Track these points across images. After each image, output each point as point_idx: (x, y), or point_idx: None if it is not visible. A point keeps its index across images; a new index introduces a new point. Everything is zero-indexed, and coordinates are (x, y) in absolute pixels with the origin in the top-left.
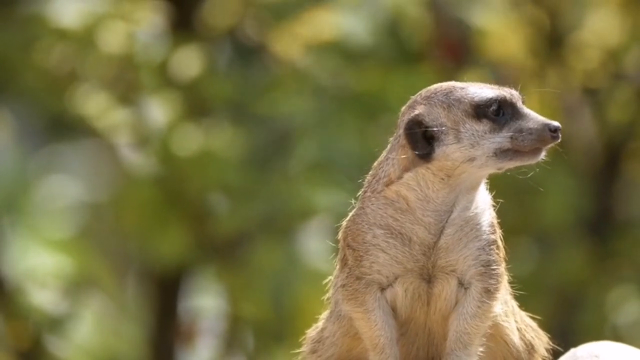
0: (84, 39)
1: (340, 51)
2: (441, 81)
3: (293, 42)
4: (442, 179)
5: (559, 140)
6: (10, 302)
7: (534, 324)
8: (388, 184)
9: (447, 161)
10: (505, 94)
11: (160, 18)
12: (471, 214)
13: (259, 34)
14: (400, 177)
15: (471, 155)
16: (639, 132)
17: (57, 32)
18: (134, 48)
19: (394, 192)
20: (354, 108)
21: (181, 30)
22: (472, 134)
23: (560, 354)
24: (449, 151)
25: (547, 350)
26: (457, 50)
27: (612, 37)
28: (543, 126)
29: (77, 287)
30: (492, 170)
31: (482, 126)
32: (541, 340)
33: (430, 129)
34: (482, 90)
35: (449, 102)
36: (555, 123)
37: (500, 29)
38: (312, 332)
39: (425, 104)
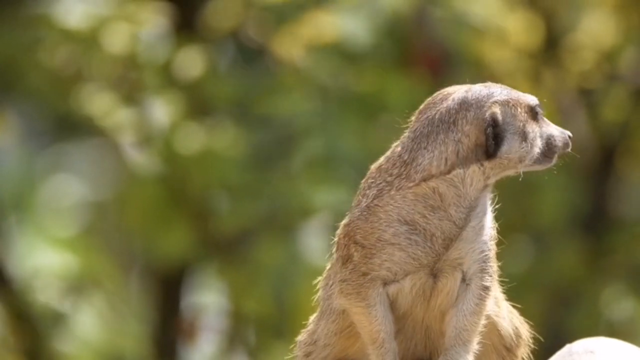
0: (88, 39)
1: (340, 52)
2: (436, 83)
3: (294, 43)
4: (488, 177)
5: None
6: (16, 299)
7: (515, 311)
8: (426, 178)
9: (504, 160)
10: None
11: (163, 19)
12: (484, 208)
13: (260, 35)
14: (447, 173)
15: (527, 155)
16: (633, 131)
17: (62, 33)
18: (137, 49)
19: (430, 188)
20: (354, 108)
21: (184, 31)
22: (534, 135)
23: (555, 349)
24: (512, 150)
25: (529, 338)
26: (436, 65)
27: (607, 39)
28: (565, 134)
29: (81, 284)
30: (521, 170)
31: (537, 128)
32: (524, 327)
33: (504, 128)
34: (525, 94)
35: (514, 102)
36: (569, 133)
37: (496, 31)
38: (303, 336)
39: (496, 103)
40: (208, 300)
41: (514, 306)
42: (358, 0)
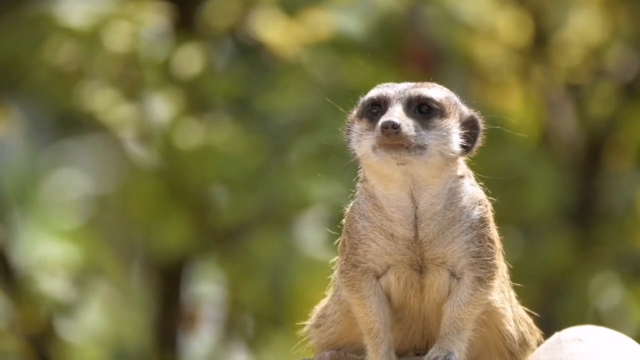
0: (91, 38)
1: (335, 48)
2: (427, 80)
3: (291, 40)
4: (374, 174)
5: (392, 135)
6: (21, 290)
7: (529, 319)
8: (363, 180)
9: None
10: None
11: (163, 18)
12: (452, 212)
13: (257, 32)
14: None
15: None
16: (619, 125)
17: (65, 32)
18: (138, 47)
19: (370, 188)
20: (348, 103)
21: (183, 29)
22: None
23: (545, 337)
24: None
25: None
26: (427, 63)
27: (594, 36)
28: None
29: (84, 275)
30: (390, 166)
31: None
32: (534, 336)
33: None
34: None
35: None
36: (387, 119)
37: (486, 28)
38: (318, 307)
39: None
40: (207, 290)
41: (529, 313)
42: None
